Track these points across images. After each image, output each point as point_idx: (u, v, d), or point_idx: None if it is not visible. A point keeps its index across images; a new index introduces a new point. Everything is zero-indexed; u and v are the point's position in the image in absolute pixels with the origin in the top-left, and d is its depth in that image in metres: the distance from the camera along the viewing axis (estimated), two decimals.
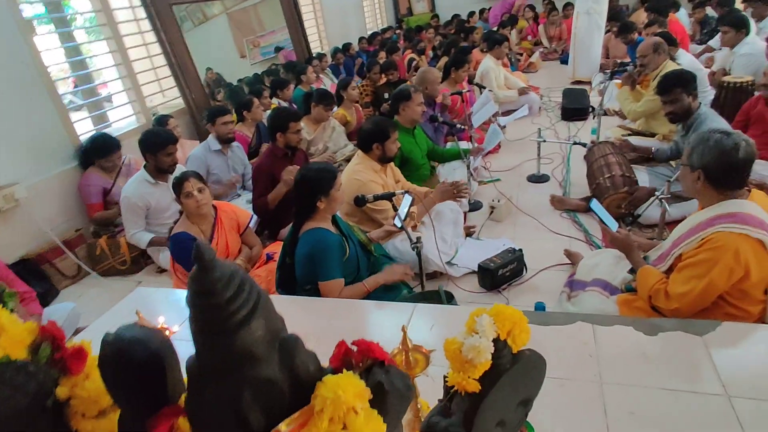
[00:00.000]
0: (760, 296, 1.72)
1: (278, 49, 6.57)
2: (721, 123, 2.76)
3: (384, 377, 0.53)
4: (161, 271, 3.36)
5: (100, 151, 3.47)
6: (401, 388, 0.53)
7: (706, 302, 1.70)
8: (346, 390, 0.48)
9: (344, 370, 0.52)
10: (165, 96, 4.92)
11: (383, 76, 5.62)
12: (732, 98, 3.57)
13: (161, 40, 4.55)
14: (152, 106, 4.67)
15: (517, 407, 0.95)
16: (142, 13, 4.52)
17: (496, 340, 0.84)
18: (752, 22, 4.78)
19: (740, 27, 4.16)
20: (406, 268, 2.37)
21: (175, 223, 2.57)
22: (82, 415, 0.63)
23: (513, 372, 0.87)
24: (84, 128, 3.95)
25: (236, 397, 0.45)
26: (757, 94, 3.23)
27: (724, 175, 1.70)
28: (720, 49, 5.00)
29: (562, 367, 1.47)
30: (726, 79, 3.74)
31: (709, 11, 7.10)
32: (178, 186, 2.44)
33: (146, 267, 3.47)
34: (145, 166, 3.19)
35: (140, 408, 0.54)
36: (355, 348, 0.55)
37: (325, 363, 0.58)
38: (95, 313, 2.29)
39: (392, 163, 3.08)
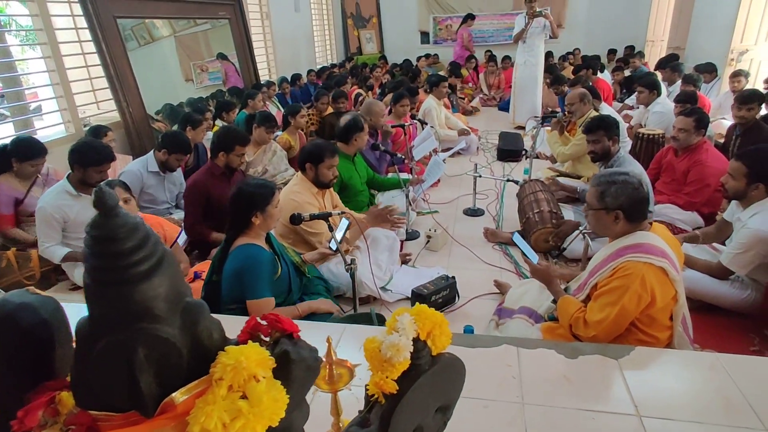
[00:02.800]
0: (666, 322, 1.84)
1: (221, 56, 6.48)
2: (636, 167, 3.01)
3: (291, 347, 0.51)
4: (75, 288, 3.11)
5: (23, 153, 3.16)
6: (307, 358, 0.51)
7: (621, 328, 1.79)
8: (249, 357, 0.47)
9: (250, 342, 0.50)
10: (100, 108, 4.70)
11: (332, 105, 5.70)
12: (646, 148, 3.93)
13: (101, 51, 4.38)
14: (84, 117, 4.44)
15: (435, 413, 0.94)
16: (82, 21, 4.35)
17: (416, 340, 0.85)
18: (664, 85, 5.38)
19: (653, 88, 4.69)
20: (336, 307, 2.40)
21: None
22: None
23: (432, 373, 0.87)
24: (4, 132, 3.68)
25: (129, 354, 0.42)
26: (667, 145, 3.57)
27: (638, 209, 1.84)
28: (637, 107, 5.52)
29: (487, 388, 1.49)
30: (641, 130, 4.13)
31: (627, 73, 7.93)
32: None
33: (58, 284, 3.20)
34: (68, 176, 2.98)
35: (21, 382, 0.49)
36: (264, 322, 0.53)
37: None
38: None
39: (331, 189, 3.08)
